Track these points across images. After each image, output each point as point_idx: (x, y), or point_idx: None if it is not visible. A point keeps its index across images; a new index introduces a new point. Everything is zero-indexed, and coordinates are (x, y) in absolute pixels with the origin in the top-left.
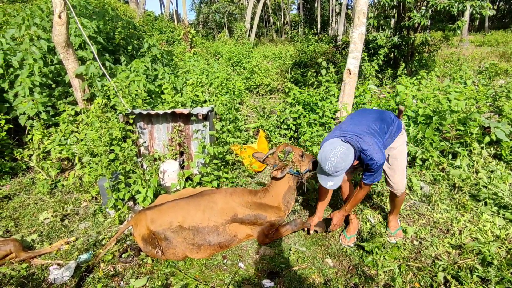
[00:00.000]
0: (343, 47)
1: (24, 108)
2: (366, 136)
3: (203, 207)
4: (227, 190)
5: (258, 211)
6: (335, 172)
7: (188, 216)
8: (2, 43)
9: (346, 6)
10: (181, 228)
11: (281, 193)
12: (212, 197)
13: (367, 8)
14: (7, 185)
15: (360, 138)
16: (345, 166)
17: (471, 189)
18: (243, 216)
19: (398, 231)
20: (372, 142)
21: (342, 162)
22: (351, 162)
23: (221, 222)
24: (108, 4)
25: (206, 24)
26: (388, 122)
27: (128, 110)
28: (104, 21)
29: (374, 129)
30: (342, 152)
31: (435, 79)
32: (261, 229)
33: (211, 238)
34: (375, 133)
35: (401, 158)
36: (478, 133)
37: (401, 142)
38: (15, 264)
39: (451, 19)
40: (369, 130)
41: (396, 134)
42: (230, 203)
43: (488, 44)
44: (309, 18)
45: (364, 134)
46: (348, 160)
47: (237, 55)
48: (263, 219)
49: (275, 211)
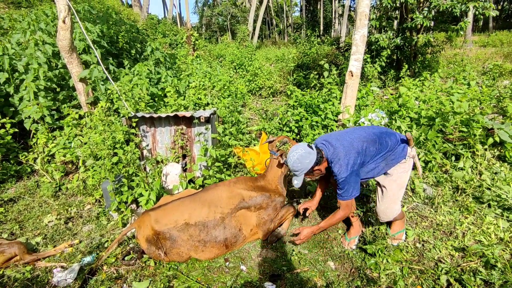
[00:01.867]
0: (345, 49)
1: (29, 112)
2: (340, 149)
3: (208, 201)
4: (230, 180)
5: (262, 191)
6: (294, 171)
7: (194, 212)
8: (8, 48)
9: (348, 8)
10: (187, 225)
11: (276, 177)
12: (216, 189)
13: (369, 9)
14: (12, 188)
15: (332, 148)
16: (301, 168)
17: (474, 191)
18: (249, 200)
19: (399, 233)
20: (341, 156)
21: (298, 163)
22: (308, 166)
23: (227, 211)
24: (112, 8)
25: (209, 27)
26: (383, 145)
27: (131, 114)
28: (108, 25)
29: (355, 147)
30: (300, 154)
31: (438, 80)
32: (266, 215)
33: (217, 233)
34: (353, 151)
35: (394, 188)
36: (481, 135)
37: (401, 170)
38: (19, 266)
39: (454, 20)
40: (348, 146)
41: (395, 162)
42: (235, 191)
43: (492, 44)
44: (312, 20)
45: (338, 146)
46: (305, 163)
47: (239, 57)
48: (268, 199)
49: (275, 192)
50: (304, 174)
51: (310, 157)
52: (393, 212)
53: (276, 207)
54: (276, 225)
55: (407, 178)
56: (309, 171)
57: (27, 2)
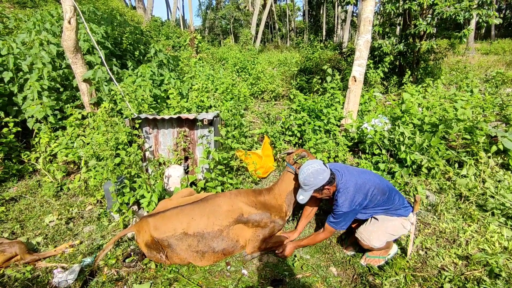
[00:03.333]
0: (348, 54)
1: (33, 111)
2: (351, 183)
3: (208, 212)
4: (231, 192)
5: (263, 210)
6: (304, 185)
7: (192, 222)
8: (13, 48)
9: (351, 14)
10: (185, 235)
11: (285, 192)
12: (216, 200)
13: (373, 15)
14: (14, 187)
15: (345, 179)
16: (313, 183)
17: (478, 199)
18: (248, 216)
19: (375, 259)
20: (351, 191)
21: (311, 177)
22: (320, 183)
23: (226, 224)
24: (116, 10)
25: (212, 30)
26: (390, 200)
27: (134, 115)
28: (112, 27)
29: (366, 189)
30: (315, 169)
31: (441, 87)
32: (262, 234)
33: (215, 244)
34: (362, 191)
35: (386, 224)
36: (485, 142)
37: (399, 222)
38: (20, 266)
39: (457, 27)
40: (360, 184)
41: (394, 214)
42: (235, 204)
43: (495, 52)
44: (315, 25)
45: (351, 180)
46: (318, 179)
47: (242, 61)
48: (268, 219)
49: (278, 211)
50: (312, 191)
51: (324, 174)
52: (372, 244)
53: (273, 230)
54: (267, 247)
55: (398, 231)
56: (319, 188)
57: (32, 2)
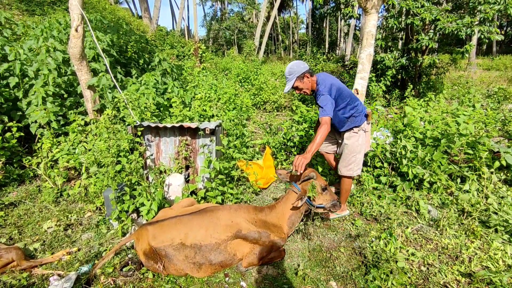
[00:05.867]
0: (350, 66)
1: (36, 117)
2: (328, 79)
3: (206, 224)
4: (232, 206)
5: (263, 228)
6: (289, 74)
7: (190, 233)
8: (20, 54)
9: (354, 27)
10: (182, 246)
11: (288, 214)
12: (216, 213)
13: (376, 30)
14: (14, 192)
15: (323, 77)
16: (296, 70)
17: (480, 215)
18: (247, 233)
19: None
20: (327, 82)
21: (295, 65)
22: (302, 70)
23: (224, 238)
24: (123, 19)
25: (216, 40)
26: (352, 100)
27: (136, 122)
28: (118, 35)
29: (338, 85)
30: (297, 61)
31: (443, 102)
32: (258, 251)
33: (212, 257)
34: (336, 85)
35: (349, 152)
36: (487, 158)
37: (356, 138)
38: (16, 273)
39: (459, 42)
40: (334, 80)
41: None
42: (235, 219)
43: (496, 68)
44: (317, 38)
45: (328, 78)
46: (300, 67)
47: (245, 71)
48: (266, 238)
49: (278, 231)
50: (295, 78)
51: (305, 65)
52: (345, 172)
53: (271, 249)
54: (262, 263)
55: (358, 148)
56: (301, 75)
57: (41, 10)
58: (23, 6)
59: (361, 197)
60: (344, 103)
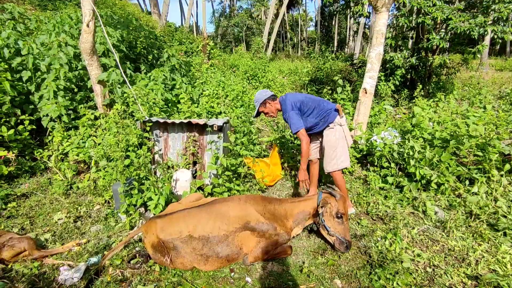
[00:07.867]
0: (359, 65)
1: (48, 110)
2: (289, 97)
3: (214, 215)
4: (241, 197)
5: (271, 220)
6: (255, 102)
7: (199, 225)
8: (33, 48)
9: (363, 25)
10: (190, 238)
11: (297, 211)
12: (225, 204)
13: (386, 28)
14: (26, 184)
15: (285, 96)
16: (258, 98)
17: (489, 218)
18: (255, 224)
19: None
20: (288, 100)
21: (258, 94)
22: (263, 98)
23: (232, 230)
24: (132, 15)
25: (224, 37)
26: (320, 106)
27: (145, 118)
28: (128, 31)
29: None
30: (261, 90)
31: (453, 102)
32: (265, 245)
33: (219, 249)
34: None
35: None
36: (497, 160)
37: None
38: (28, 262)
39: (471, 42)
40: (295, 95)
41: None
42: (244, 210)
43: (510, 68)
44: (326, 36)
45: (289, 96)
46: (262, 95)
47: (253, 68)
48: (273, 231)
49: (284, 226)
50: (259, 104)
51: (267, 93)
52: (328, 169)
53: (277, 242)
54: (268, 257)
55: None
56: (263, 102)
57: (53, 5)
58: (36, 1)
59: (368, 196)
60: (310, 110)
